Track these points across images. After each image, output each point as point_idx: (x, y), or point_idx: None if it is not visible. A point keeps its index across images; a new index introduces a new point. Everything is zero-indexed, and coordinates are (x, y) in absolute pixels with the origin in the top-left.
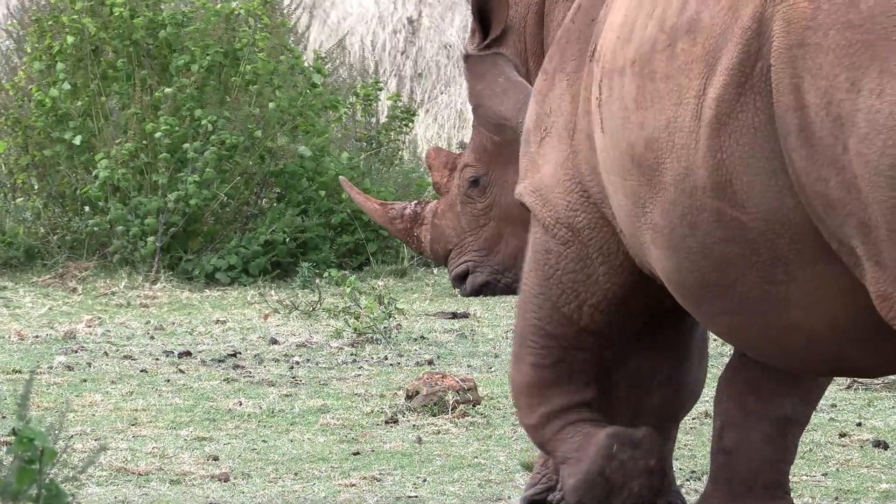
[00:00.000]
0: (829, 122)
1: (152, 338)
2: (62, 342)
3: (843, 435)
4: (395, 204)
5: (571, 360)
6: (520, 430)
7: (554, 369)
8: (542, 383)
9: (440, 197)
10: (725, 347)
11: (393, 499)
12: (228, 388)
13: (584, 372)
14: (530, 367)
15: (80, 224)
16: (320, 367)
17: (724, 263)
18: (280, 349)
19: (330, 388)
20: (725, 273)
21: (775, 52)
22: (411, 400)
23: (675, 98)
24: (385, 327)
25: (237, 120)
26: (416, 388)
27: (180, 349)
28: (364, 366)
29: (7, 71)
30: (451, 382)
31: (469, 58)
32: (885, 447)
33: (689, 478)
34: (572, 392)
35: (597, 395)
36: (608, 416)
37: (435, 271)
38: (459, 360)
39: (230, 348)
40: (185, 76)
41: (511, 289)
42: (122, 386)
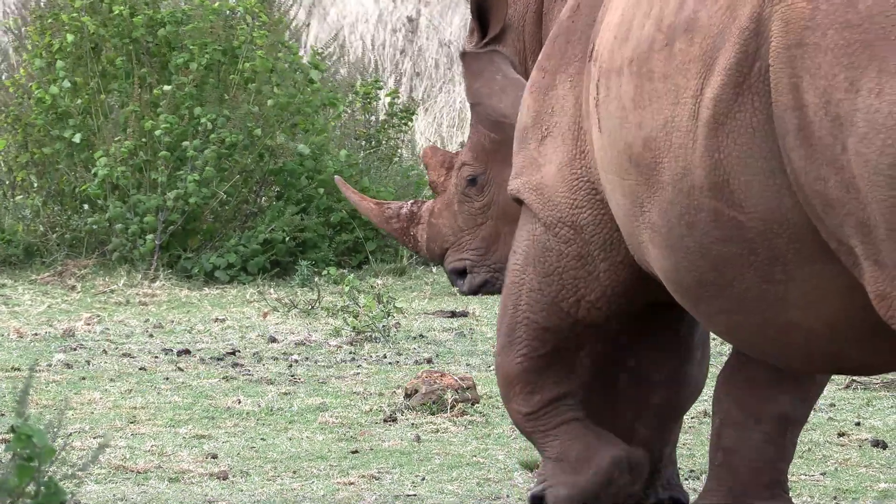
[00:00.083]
0: (827, 121)
1: (151, 336)
2: (61, 340)
3: (841, 434)
4: (391, 203)
5: (564, 350)
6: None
7: (547, 358)
8: (536, 371)
9: (437, 196)
10: (725, 347)
11: (391, 497)
12: (227, 386)
13: (574, 362)
14: (524, 358)
15: (79, 222)
16: (319, 366)
17: (722, 263)
18: (279, 347)
19: (329, 386)
20: (723, 272)
21: (774, 52)
22: (410, 398)
23: (672, 98)
24: (384, 326)
25: (236, 118)
26: (415, 386)
27: (179, 347)
28: (363, 364)
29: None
30: (449, 381)
31: (466, 55)
32: (884, 446)
33: (688, 477)
34: (563, 380)
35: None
36: (609, 415)
37: (434, 270)
38: (458, 359)
39: (229, 346)
40: (183, 74)
41: None
42: (120, 384)
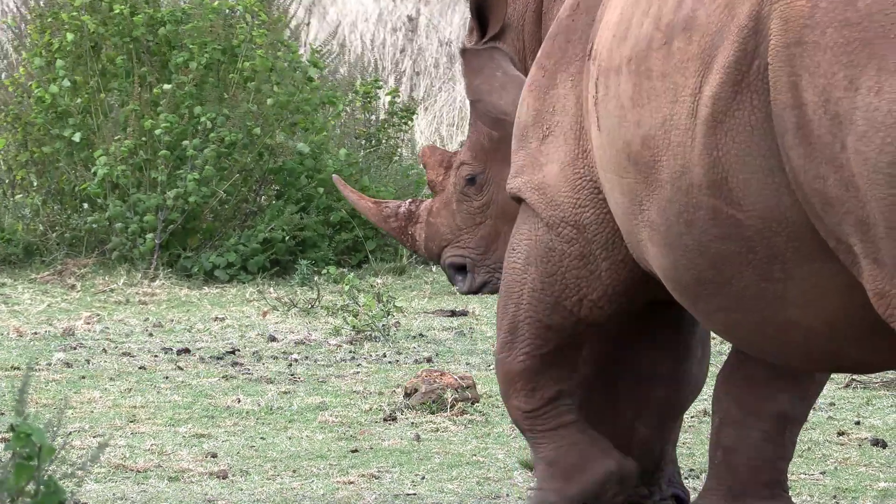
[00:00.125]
0: (826, 120)
1: (151, 335)
2: (61, 339)
3: (841, 433)
4: (389, 202)
5: (566, 349)
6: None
7: (550, 357)
8: (538, 369)
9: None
10: (725, 346)
11: (391, 496)
12: (227, 385)
13: (575, 361)
14: (526, 356)
15: (79, 221)
16: (319, 365)
17: (721, 261)
18: (279, 346)
19: (328, 385)
20: (722, 270)
21: (773, 50)
22: (410, 397)
23: (671, 96)
24: (384, 325)
25: (236, 117)
26: (415, 385)
27: (179, 346)
28: (362, 363)
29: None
30: (449, 380)
31: (466, 52)
32: (884, 445)
33: (688, 476)
34: (564, 379)
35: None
36: (610, 414)
37: (434, 269)
38: (458, 358)
39: (229, 345)
40: (183, 73)
41: None
42: (120, 383)
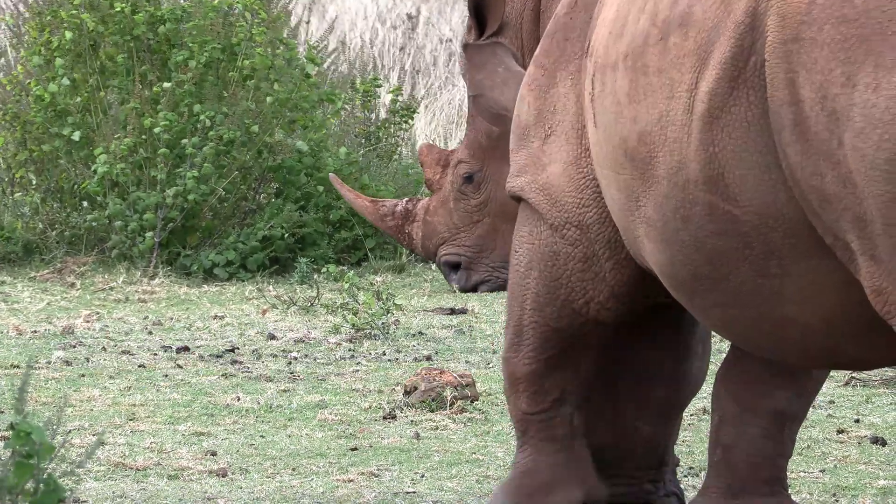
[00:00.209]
0: (824, 116)
1: (150, 333)
2: (60, 337)
3: (840, 431)
4: (386, 201)
5: (571, 350)
6: None
7: (555, 360)
8: (543, 372)
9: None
10: (724, 344)
11: (391, 494)
12: (226, 383)
13: (580, 363)
14: (531, 359)
15: (78, 219)
16: (318, 363)
17: (717, 257)
18: (278, 345)
19: (328, 383)
20: (718, 266)
21: (770, 46)
22: (409, 396)
23: (667, 92)
24: (383, 323)
25: (234, 115)
26: (414, 383)
27: (178, 344)
28: (362, 361)
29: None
30: (449, 378)
31: (468, 47)
32: (883, 444)
33: (687, 474)
34: (569, 381)
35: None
36: (610, 413)
37: (433, 267)
38: (457, 356)
39: (228, 343)
40: (183, 72)
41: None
42: (120, 381)
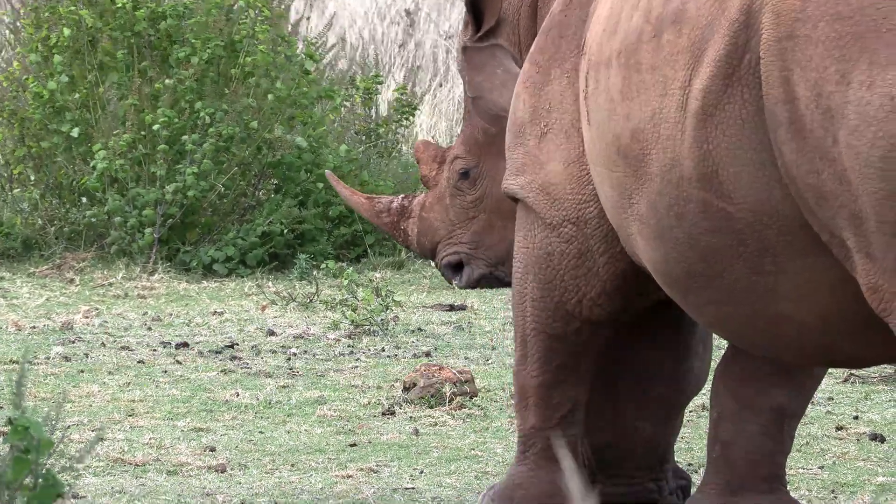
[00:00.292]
0: (819, 114)
1: (149, 329)
2: (59, 333)
3: (839, 428)
4: (381, 197)
5: (574, 357)
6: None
7: (561, 371)
8: (551, 385)
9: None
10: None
11: (390, 490)
12: (225, 379)
13: (585, 371)
14: (538, 371)
15: (77, 215)
16: (317, 359)
17: (711, 254)
18: (277, 340)
19: (327, 379)
20: (712, 264)
21: (764, 44)
22: (408, 392)
23: (660, 89)
24: (382, 319)
25: (234, 112)
26: (413, 379)
27: (177, 340)
28: (361, 357)
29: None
30: (448, 374)
31: (468, 49)
32: (882, 440)
33: (686, 470)
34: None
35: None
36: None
37: (432, 264)
38: (456, 352)
39: (227, 339)
40: (184, 68)
41: (505, 282)
42: (119, 377)
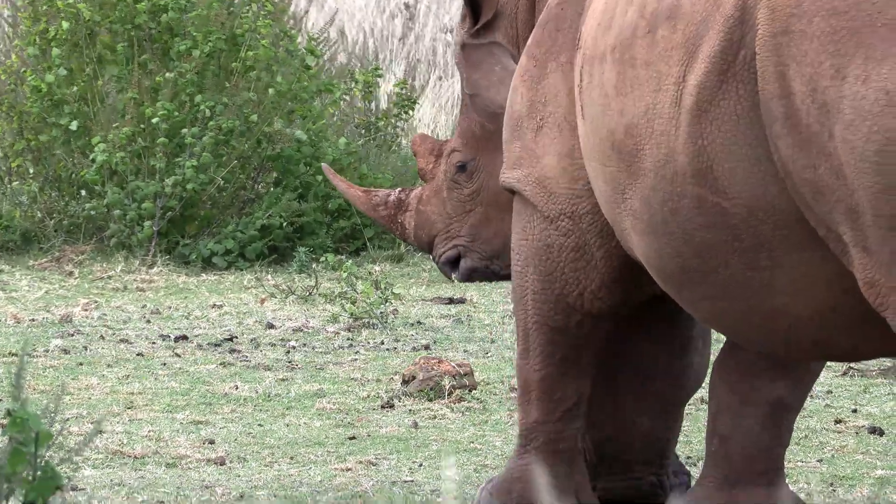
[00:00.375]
0: (814, 109)
1: (149, 322)
2: (58, 325)
3: (838, 421)
4: (378, 191)
5: (576, 350)
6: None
7: (563, 364)
8: (553, 378)
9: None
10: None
11: (389, 483)
12: (224, 372)
13: (587, 364)
14: (541, 365)
15: (76, 208)
16: (316, 352)
17: (706, 249)
18: (276, 333)
19: (326, 372)
20: (707, 259)
21: (760, 39)
22: (407, 385)
23: (654, 84)
24: (381, 312)
25: (234, 105)
26: (413, 373)
27: (177, 333)
28: (360, 350)
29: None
30: (447, 367)
31: (466, 47)
32: (881, 433)
33: (685, 463)
34: (579, 386)
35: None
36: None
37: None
38: (456, 346)
39: (226, 332)
40: (185, 61)
41: (500, 275)
42: (118, 369)
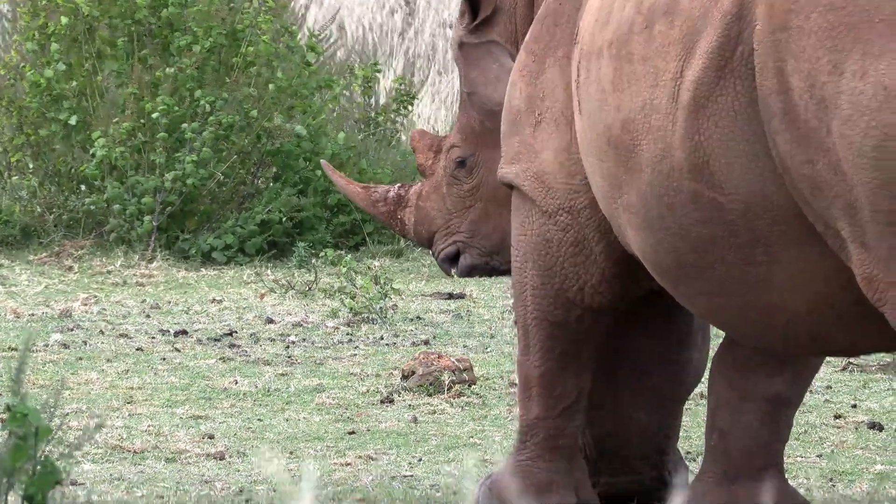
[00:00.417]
0: (812, 105)
1: (148, 316)
2: (58, 320)
3: (838, 416)
4: (378, 187)
5: (576, 345)
6: (515, 411)
7: (563, 359)
8: (554, 374)
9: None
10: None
11: (388, 478)
12: (224, 366)
13: (588, 359)
14: (541, 360)
15: (76, 203)
16: (316, 347)
17: (702, 244)
18: (276, 328)
19: (325, 367)
20: (703, 254)
21: (758, 35)
22: (407, 380)
23: (651, 80)
24: (381, 307)
25: (234, 100)
26: (412, 367)
27: (176, 328)
28: (360, 345)
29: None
30: (446, 363)
31: (464, 45)
32: (880, 429)
33: (685, 458)
34: (580, 381)
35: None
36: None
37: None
38: (455, 341)
39: (226, 327)
40: (186, 56)
41: (500, 271)
42: (117, 364)
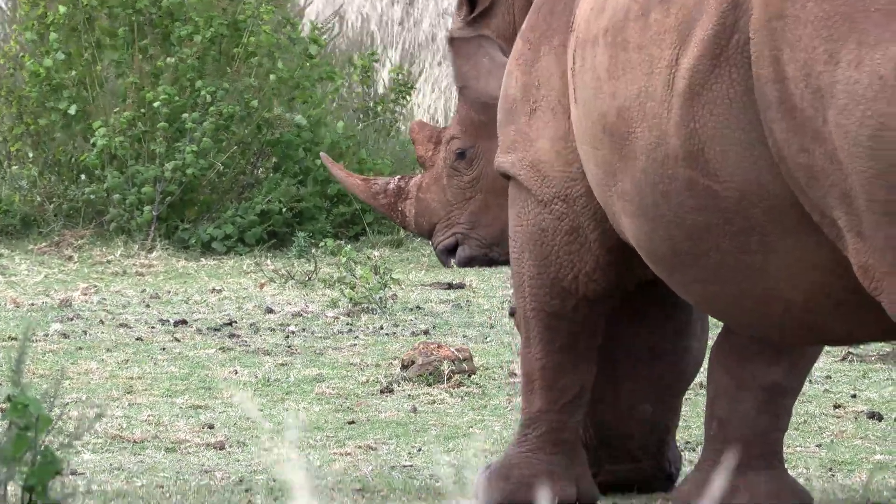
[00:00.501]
0: (808, 94)
1: (148, 306)
2: (58, 310)
3: (837, 406)
4: (377, 179)
5: (575, 337)
6: (515, 401)
7: (564, 352)
8: (555, 368)
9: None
10: None
11: (388, 468)
12: (224, 356)
13: (588, 351)
14: (542, 353)
15: (76, 192)
16: (316, 337)
17: (697, 232)
18: (276, 318)
19: (325, 357)
20: (698, 242)
21: (754, 24)
22: (406, 370)
23: (646, 68)
24: (381, 297)
25: (235, 91)
26: (412, 357)
27: (176, 318)
28: (359, 335)
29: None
30: (446, 352)
31: (455, 40)
32: (880, 419)
33: (684, 448)
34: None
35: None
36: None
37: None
38: (455, 331)
39: (226, 317)
40: (187, 46)
41: (499, 262)
42: (117, 354)
